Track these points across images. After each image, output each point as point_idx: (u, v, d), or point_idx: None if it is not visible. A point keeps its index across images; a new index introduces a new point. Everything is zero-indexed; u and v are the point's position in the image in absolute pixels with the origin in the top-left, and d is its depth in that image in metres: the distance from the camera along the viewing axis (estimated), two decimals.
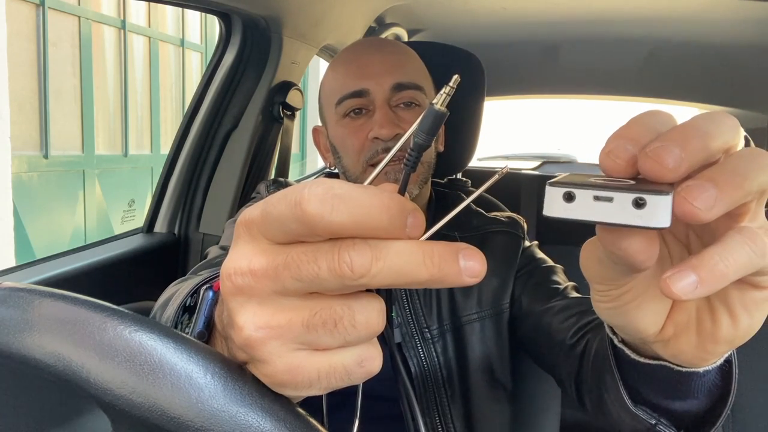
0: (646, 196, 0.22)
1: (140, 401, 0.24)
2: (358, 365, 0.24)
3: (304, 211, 0.21)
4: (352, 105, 0.76)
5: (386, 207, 0.22)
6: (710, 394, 0.40)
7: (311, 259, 0.22)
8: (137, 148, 4.69)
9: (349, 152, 0.77)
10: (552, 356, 0.69)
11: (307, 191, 0.21)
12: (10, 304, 0.26)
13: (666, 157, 0.23)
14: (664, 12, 1.27)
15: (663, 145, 0.23)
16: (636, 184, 0.23)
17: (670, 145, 0.23)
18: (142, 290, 1.08)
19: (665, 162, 0.23)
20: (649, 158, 0.23)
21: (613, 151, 0.25)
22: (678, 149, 0.23)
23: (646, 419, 0.44)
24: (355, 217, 0.21)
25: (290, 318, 0.23)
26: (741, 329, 0.29)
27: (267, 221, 0.23)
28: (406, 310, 0.78)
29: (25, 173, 3.65)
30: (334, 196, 0.21)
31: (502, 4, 1.30)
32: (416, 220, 0.23)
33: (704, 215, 0.22)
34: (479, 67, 1.03)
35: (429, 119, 0.27)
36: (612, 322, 0.33)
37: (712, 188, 0.22)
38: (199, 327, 0.36)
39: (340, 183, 0.22)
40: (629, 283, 0.30)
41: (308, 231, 0.22)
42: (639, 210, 0.22)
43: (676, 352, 0.31)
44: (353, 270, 0.21)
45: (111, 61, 4.34)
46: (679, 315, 0.31)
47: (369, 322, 0.23)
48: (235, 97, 1.20)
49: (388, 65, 0.76)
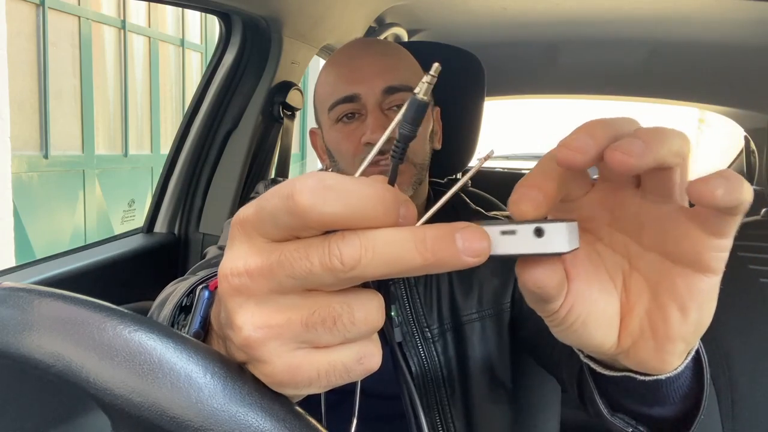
0: (544, 225, 0.24)
1: (140, 401, 0.24)
2: (358, 362, 0.24)
3: (296, 203, 0.21)
4: (344, 110, 0.76)
5: (378, 197, 0.22)
6: (685, 398, 0.41)
7: (303, 255, 0.22)
8: (137, 148, 4.69)
9: (343, 157, 0.77)
10: (554, 358, 0.69)
11: (299, 183, 0.21)
12: (9, 304, 0.26)
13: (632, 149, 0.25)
14: (664, 12, 1.27)
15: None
16: (539, 220, 0.25)
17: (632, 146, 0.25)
18: (142, 290, 1.08)
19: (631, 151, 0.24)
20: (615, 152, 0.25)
21: (519, 200, 0.26)
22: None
23: (623, 427, 0.45)
24: (347, 207, 0.21)
25: (289, 317, 0.23)
26: (691, 323, 0.29)
27: (260, 217, 0.23)
28: (407, 310, 0.78)
29: (25, 173, 3.65)
30: (325, 187, 0.21)
31: (502, 4, 1.30)
32: (408, 211, 0.23)
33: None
34: (479, 67, 1.03)
35: (412, 110, 0.28)
36: (568, 342, 0.33)
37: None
38: (195, 327, 0.36)
39: (332, 175, 0.22)
40: (563, 306, 0.30)
41: (301, 223, 0.22)
42: (540, 238, 0.24)
43: (639, 361, 0.31)
44: (343, 262, 0.21)
45: (111, 61, 4.34)
46: (631, 324, 0.31)
47: (368, 318, 0.24)
48: (235, 97, 1.20)
49: (378, 68, 0.76)
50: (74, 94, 4.00)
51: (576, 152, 0.25)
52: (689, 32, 1.36)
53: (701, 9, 1.24)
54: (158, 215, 1.23)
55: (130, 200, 4.63)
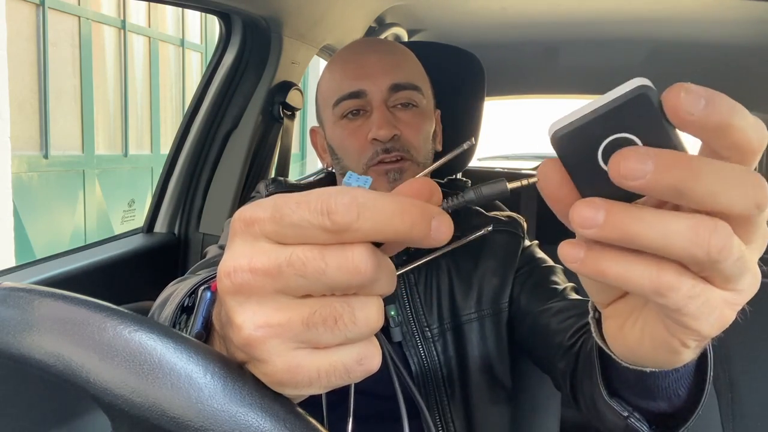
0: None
1: (140, 401, 0.24)
2: (358, 363, 0.24)
3: (333, 222, 0.22)
4: (349, 106, 0.76)
5: (409, 212, 0.23)
6: (679, 397, 0.42)
7: (317, 256, 0.22)
8: (137, 148, 4.69)
9: (348, 154, 0.77)
10: (549, 356, 0.69)
11: (333, 201, 0.22)
12: (9, 304, 0.26)
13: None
14: (664, 12, 1.27)
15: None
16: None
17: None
18: (142, 290, 1.08)
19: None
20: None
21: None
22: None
23: (620, 411, 0.46)
24: (381, 224, 0.22)
25: (290, 316, 0.23)
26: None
27: (281, 224, 0.23)
28: (407, 309, 0.77)
29: (25, 173, 3.65)
30: (360, 205, 0.22)
31: (502, 4, 1.30)
32: (441, 224, 0.23)
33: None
34: (479, 67, 1.03)
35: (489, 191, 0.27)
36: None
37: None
38: (198, 327, 0.36)
39: (362, 191, 0.23)
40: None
41: (334, 238, 0.22)
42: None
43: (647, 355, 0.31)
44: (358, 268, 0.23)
45: (111, 61, 4.34)
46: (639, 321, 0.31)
47: (369, 318, 0.24)
48: (235, 97, 1.20)
49: (384, 65, 0.76)
50: (74, 94, 4.00)
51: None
52: (689, 32, 1.36)
53: (701, 9, 1.24)
54: (158, 215, 1.23)
55: (130, 200, 4.63)
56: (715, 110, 0.21)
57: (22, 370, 0.25)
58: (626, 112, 0.22)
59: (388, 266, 0.25)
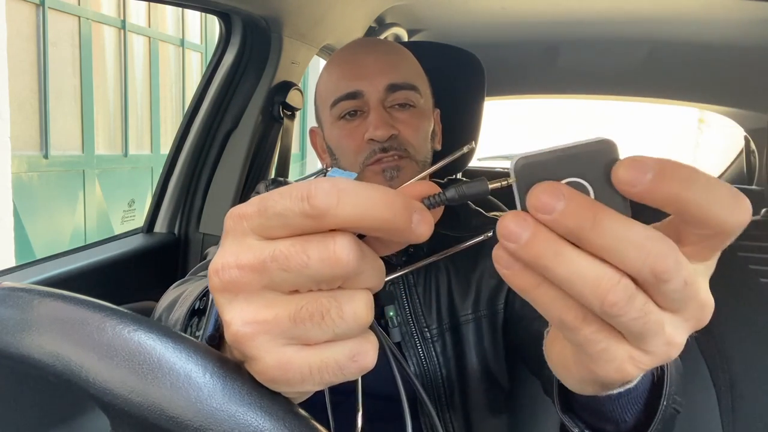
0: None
1: (139, 401, 0.24)
2: (351, 360, 0.24)
3: (313, 205, 0.22)
4: (346, 107, 0.76)
5: (390, 202, 0.23)
6: (626, 422, 0.42)
7: (300, 249, 0.22)
8: (137, 148, 4.69)
9: (345, 154, 0.77)
10: (541, 362, 0.69)
11: (314, 186, 0.22)
12: (9, 304, 0.26)
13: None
14: (664, 12, 1.27)
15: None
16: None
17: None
18: (142, 290, 1.08)
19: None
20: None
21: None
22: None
23: (571, 427, 0.46)
24: (361, 209, 0.22)
25: (277, 312, 0.23)
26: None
27: (266, 216, 0.23)
28: (406, 310, 0.77)
29: (25, 173, 3.65)
30: (340, 190, 0.22)
31: (502, 4, 1.30)
32: (422, 219, 0.23)
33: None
34: (479, 67, 1.03)
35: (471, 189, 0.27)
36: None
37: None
38: (210, 330, 0.36)
39: (344, 179, 0.22)
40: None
41: (314, 224, 0.22)
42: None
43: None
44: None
45: (111, 61, 4.34)
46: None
47: (357, 313, 0.24)
48: (235, 97, 1.20)
49: (381, 66, 0.76)
50: (74, 94, 4.00)
51: None
52: (689, 32, 1.36)
53: (701, 9, 1.24)
54: (158, 215, 1.23)
55: (130, 200, 4.63)
56: (662, 184, 0.21)
57: (22, 370, 0.25)
58: (583, 160, 0.23)
59: (373, 259, 0.25)
